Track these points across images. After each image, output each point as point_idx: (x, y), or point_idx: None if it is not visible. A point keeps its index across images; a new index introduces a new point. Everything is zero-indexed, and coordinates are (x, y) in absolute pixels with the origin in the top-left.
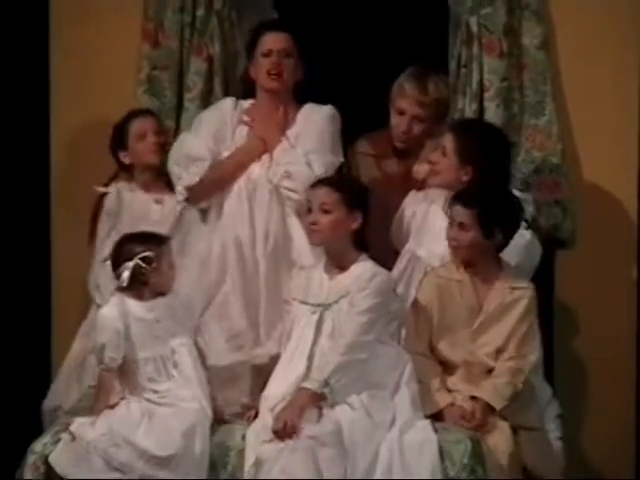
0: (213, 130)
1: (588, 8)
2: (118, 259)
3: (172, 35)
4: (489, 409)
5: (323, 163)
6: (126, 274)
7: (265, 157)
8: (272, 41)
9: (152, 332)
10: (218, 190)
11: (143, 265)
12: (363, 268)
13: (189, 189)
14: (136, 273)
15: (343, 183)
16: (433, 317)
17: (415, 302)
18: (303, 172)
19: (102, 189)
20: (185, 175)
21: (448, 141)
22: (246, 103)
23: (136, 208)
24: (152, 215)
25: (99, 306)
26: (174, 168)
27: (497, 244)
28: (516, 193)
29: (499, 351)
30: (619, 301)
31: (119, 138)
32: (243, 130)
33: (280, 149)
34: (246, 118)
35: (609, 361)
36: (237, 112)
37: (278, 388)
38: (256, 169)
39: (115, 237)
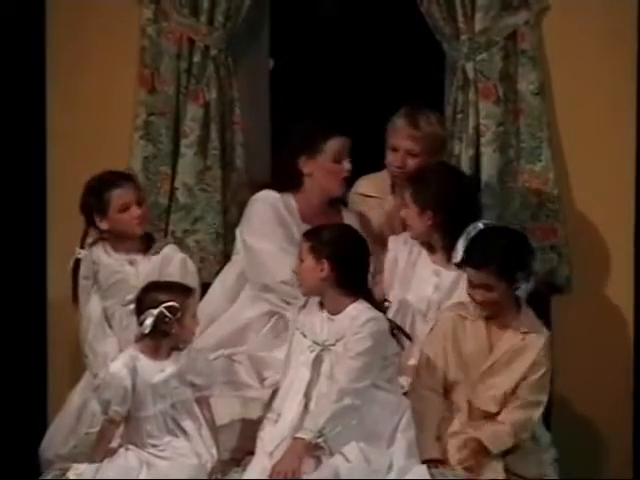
0: (285, 245)
1: (584, 54)
2: (142, 306)
3: (168, 81)
4: (484, 451)
5: None
6: (149, 321)
7: None
8: (344, 146)
9: (157, 392)
10: None
11: (167, 314)
12: (358, 311)
13: None
14: (159, 322)
15: (316, 232)
16: (448, 353)
17: (430, 337)
18: None
19: (78, 254)
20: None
21: (407, 192)
22: (289, 199)
23: (111, 270)
24: (127, 277)
25: (95, 375)
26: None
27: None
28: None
29: (506, 396)
30: (616, 346)
31: (97, 204)
32: (302, 226)
33: None
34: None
35: (607, 405)
36: (287, 211)
37: (275, 428)
38: None
39: (97, 299)
